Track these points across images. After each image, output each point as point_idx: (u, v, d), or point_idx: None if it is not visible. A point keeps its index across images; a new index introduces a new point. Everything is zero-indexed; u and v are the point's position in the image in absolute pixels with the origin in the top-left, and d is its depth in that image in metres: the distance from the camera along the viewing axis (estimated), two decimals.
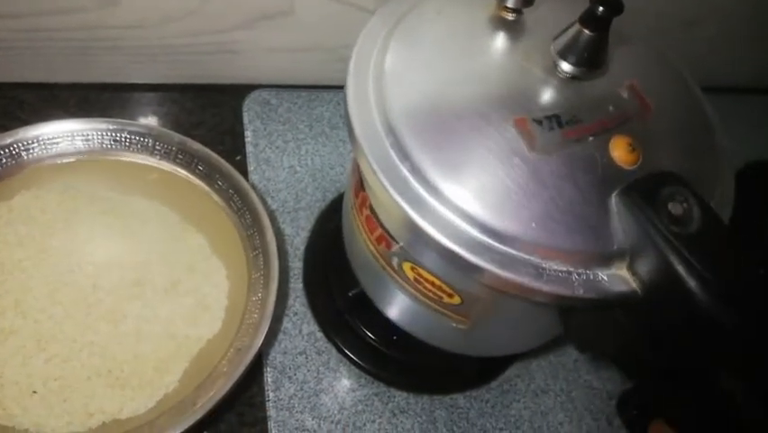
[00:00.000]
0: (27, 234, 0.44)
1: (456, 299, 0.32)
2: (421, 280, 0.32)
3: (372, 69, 0.31)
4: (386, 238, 0.32)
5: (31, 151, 0.46)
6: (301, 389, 0.43)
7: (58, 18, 0.48)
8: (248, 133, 0.54)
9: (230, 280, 0.45)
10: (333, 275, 0.46)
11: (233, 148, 0.53)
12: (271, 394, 0.43)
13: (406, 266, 0.32)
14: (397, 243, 0.32)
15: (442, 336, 0.38)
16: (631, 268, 0.27)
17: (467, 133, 0.28)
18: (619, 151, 0.28)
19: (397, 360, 0.45)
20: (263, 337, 0.41)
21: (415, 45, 0.31)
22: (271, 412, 0.42)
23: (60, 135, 0.47)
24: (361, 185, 0.33)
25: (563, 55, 0.29)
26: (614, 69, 0.31)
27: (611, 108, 0.30)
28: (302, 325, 0.46)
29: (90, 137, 0.47)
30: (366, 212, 0.34)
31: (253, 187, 0.49)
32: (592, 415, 0.47)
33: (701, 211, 0.26)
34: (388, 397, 0.44)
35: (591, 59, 0.29)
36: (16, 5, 0.46)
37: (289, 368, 0.44)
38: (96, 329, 0.41)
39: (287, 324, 0.46)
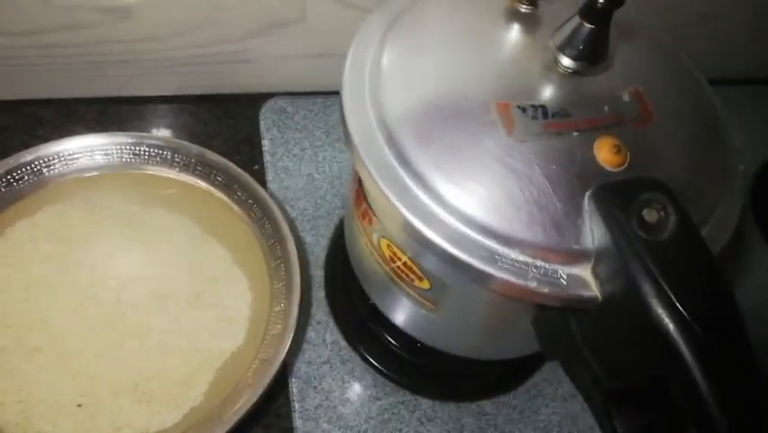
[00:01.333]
0: (51, 250, 0.44)
1: (425, 283, 0.32)
2: (395, 258, 0.32)
3: (369, 68, 0.31)
4: (369, 214, 0.33)
5: (52, 167, 0.46)
6: (327, 399, 0.43)
7: (72, 34, 0.48)
8: (265, 142, 0.54)
9: (252, 291, 0.45)
10: (353, 283, 0.46)
11: (251, 158, 0.53)
12: (297, 405, 0.43)
13: (384, 243, 0.32)
14: (377, 217, 0.32)
15: (418, 324, 0.38)
16: (595, 271, 0.26)
17: (448, 114, 0.28)
18: (603, 150, 0.27)
19: (421, 367, 0.45)
20: (287, 348, 0.41)
21: (413, 43, 0.31)
22: (298, 423, 0.42)
23: (81, 150, 0.47)
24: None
25: (563, 48, 0.28)
26: (619, 70, 0.30)
27: (606, 108, 0.29)
28: (325, 334, 0.46)
29: (110, 151, 0.48)
30: (356, 186, 0.34)
31: (272, 196, 0.49)
32: None
33: (678, 221, 0.25)
34: (414, 405, 0.44)
35: (591, 53, 0.28)
36: (32, 22, 0.47)
37: (314, 378, 0.44)
38: (120, 344, 0.41)
39: (310, 333, 0.46)
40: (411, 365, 0.45)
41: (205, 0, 0.48)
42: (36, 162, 0.46)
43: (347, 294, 0.47)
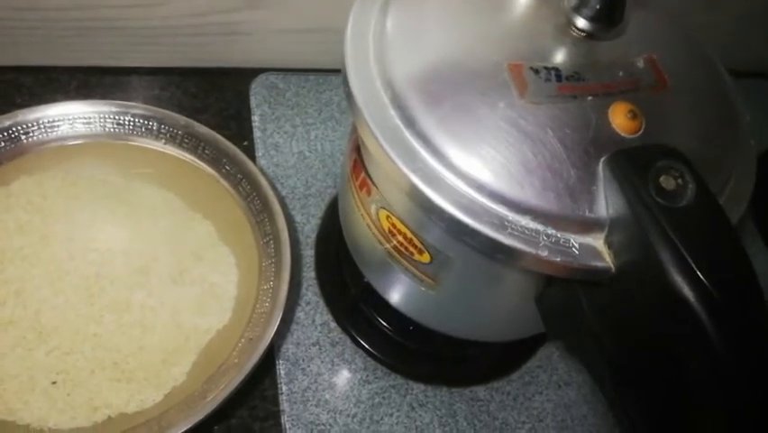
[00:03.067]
0: (27, 220, 0.42)
1: (426, 257, 0.30)
2: (395, 231, 0.31)
3: (373, 27, 0.29)
4: (367, 183, 0.31)
5: (30, 134, 0.44)
6: (315, 381, 0.41)
7: None
8: (255, 118, 0.52)
9: (239, 268, 0.43)
10: (345, 263, 0.44)
11: (240, 133, 0.51)
12: (284, 387, 0.41)
13: (383, 215, 0.31)
14: (376, 187, 0.30)
15: (415, 302, 0.37)
16: (608, 241, 0.25)
17: (458, 74, 0.27)
18: (619, 116, 0.26)
19: (413, 351, 0.43)
20: (276, 327, 0.39)
21: (420, 2, 0.30)
22: (285, 406, 0.40)
23: (61, 118, 0.45)
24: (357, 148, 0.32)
25: (578, 9, 0.27)
26: (632, 37, 0.29)
27: (621, 74, 0.28)
28: (315, 315, 0.44)
29: (92, 120, 0.45)
30: (353, 156, 0.33)
31: (262, 172, 0.47)
32: None
33: (696, 189, 0.24)
34: (406, 389, 0.42)
35: (607, 14, 0.27)
36: None
37: (303, 360, 0.42)
38: (99, 320, 0.39)
39: (299, 314, 0.44)
40: (403, 349, 0.43)
41: None
42: (14, 129, 0.44)
43: (338, 274, 0.45)
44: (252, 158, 0.50)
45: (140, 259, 0.42)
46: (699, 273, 0.22)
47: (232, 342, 0.40)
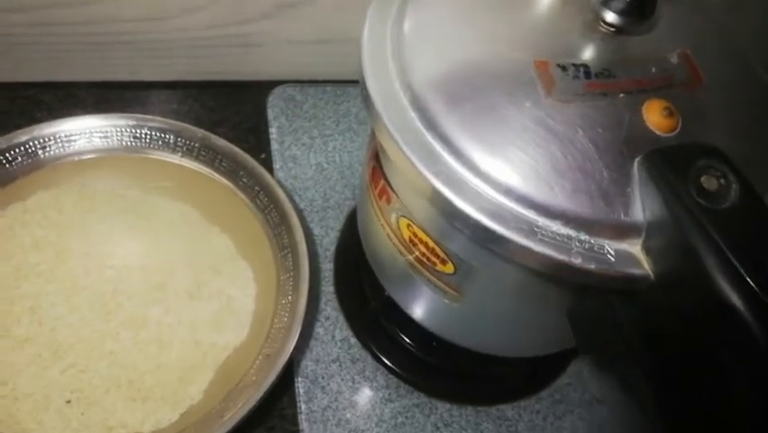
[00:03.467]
0: (43, 236, 0.41)
1: (449, 267, 0.29)
2: (416, 240, 0.29)
3: (390, 26, 0.28)
4: (387, 191, 0.30)
5: (48, 149, 0.44)
6: (335, 400, 0.40)
7: (70, 10, 0.46)
8: (272, 130, 0.51)
9: (257, 282, 0.42)
10: (365, 276, 0.43)
11: (257, 146, 0.51)
12: (303, 406, 0.39)
13: (403, 224, 0.30)
14: (396, 195, 0.29)
15: (438, 316, 0.35)
16: (646, 247, 0.23)
17: (481, 73, 0.26)
18: (654, 113, 0.25)
19: (437, 367, 0.42)
20: (294, 342, 0.38)
21: (435, 5, 0.29)
22: (304, 426, 0.39)
23: (78, 132, 0.44)
24: (375, 155, 0.31)
25: (607, 2, 0.26)
26: (663, 32, 0.28)
27: (653, 70, 0.26)
28: (335, 330, 0.43)
29: (109, 134, 0.45)
30: (372, 163, 0.31)
31: (280, 185, 0.46)
32: None
33: (740, 189, 0.22)
34: (430, 408, 0.41)
35: (638, 6, 0.26)
36: None
37: (322, 377, 0.41)
38: (115, 337, 0.39)
39: (318, 329, 0.43)
40: (427, 365, 0.42)
41: None
42: (31, 143, 0.43)
43: (358, 288, 0.44)
44: (270, 170, 0.49)
45: (157, 274, 0.41)
46: (747, 278, 0.20)
47: (249, 359, 0.39)
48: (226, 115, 0.52)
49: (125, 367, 0.37)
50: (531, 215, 0.23)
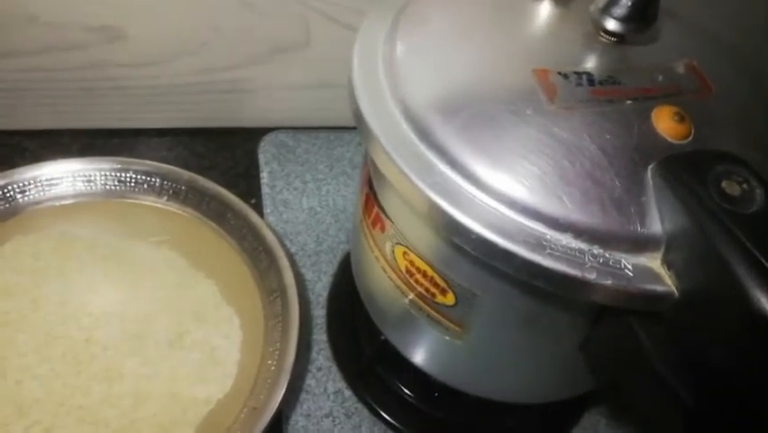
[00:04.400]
0: (17, 283, 0.39)
1: (450, 298, 0.26)
2: (413, 270, 0.27)
3: (382, 41, 0.27)
4: (381, 218, 0.28)
5: (27, 193, 0.42)
6: None
7: (58, 56, 0.45)
8: (263, 175, 0.50)
9: (243, 330, 0.39)
10: (360, 321, 0.40)
11: (248, 191, 0.49)
12: None
13: (399, 252, 0.27)
14: (390, 220, 0.27)
15: (439, 356, 0.32)
16: (666, 261, 0.21)
17: (478, 82, 0.24)
18: (664, 119, 0.23)
19: (440, 421, 0.38)
20: (282, 394, 0.35)
21: (433, 13, 0.28)
22: None
23: (60, 176, 0.43)
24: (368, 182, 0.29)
25: (607, 9, 0.25)
26: (667, 43, 0.27)
27: (660, 78, 0.25)
28: (327, 382, 0.40)
29: (92, 178, 0.43)
30: (365, 190, 0.29)
31: (269, 227, 0.44)
32: None
33: (765, 195, 0.20)
34: None
35: (640, 11, 0.24)
36: (17, 42, 0.44)
37: None
38: (86, 390, 0.35)
39: (309, 381, 0.39)
40: (428, 418, 0.38)
41: (202, 21, 0.46)
42: (9, 187, 0.42)
43: (353, 336, 0.41)
44: (261, 216, 0.47)
45: (135, 323, 0.39)
46: None
47: (234, 413, 0.35)
48: (216, 161, 0.51)
49: (96, 423, 0.34)
50: (538, 227, 0.21)
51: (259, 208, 0.48)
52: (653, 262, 0.21)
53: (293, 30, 0.48)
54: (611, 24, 0.24)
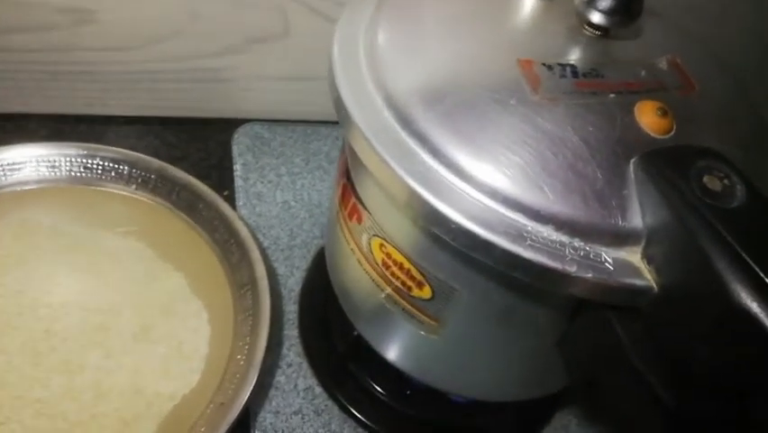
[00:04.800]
0: None
1: (426, 291, 0.26)
2: (389, 263, 0.27)
3: (364, 26, 0.26)
4: (358, 209, 0.27)
5: None
6: None
7: (25, 37, 0.43)
8: (237, 167, 0.49)
9: (212, 324, 0.38)
10: (333, 317, 0.39)
11: (221, 183, 0.48)
12: None
13: (376, 244, 0.27)
14: (367, 211, 0.27)
15: (414, 352, 0.31)
16: (646, 255, 0.21)
17: (461, 71, 0.24)
18: (647, 114, 0.23)
19: (413, 419, 0.38)
20: (250, 390, 0.34)
21: (412, 10, 0.27)
22: None
23: (23, 160, 0.41)
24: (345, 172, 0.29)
25: (592, 2, 0.24)
26: (650, 39, 0.27)
27: (643, 73, 0.25)
28: (298, 379, 0.39)
29: (57, 163, 0.42)
30: (342, 181, 0.29)
31: (242, 220, 0.43)
32: None
33: (747, 190, 0.20)
34: None
35: (624, 5, 0.24)
36: None
37: (282, 431, 0.36)
38: (45, 383, 0.34)
39: (279, 378, 0.38)
40: (400, 417, 0.37)
41: (178, 7, 0.44)
42: None
43: (325, 332, 0.40)
44: (233, 208, 0.46)
45: (98, 315, 0.37)
46: None
47: (199, 409, 0.34)
48: (188, 152, 0.49)
49: (53, 417, 0.33)
50: (519, 218, 0.21)
51: (231, 201, 0.46)
52: (634, 256, 0.21)
53: (271, 20, 0.47)
54: (596, 17, 0.24)
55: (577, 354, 0.25)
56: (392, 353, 0.32)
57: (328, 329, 0.40)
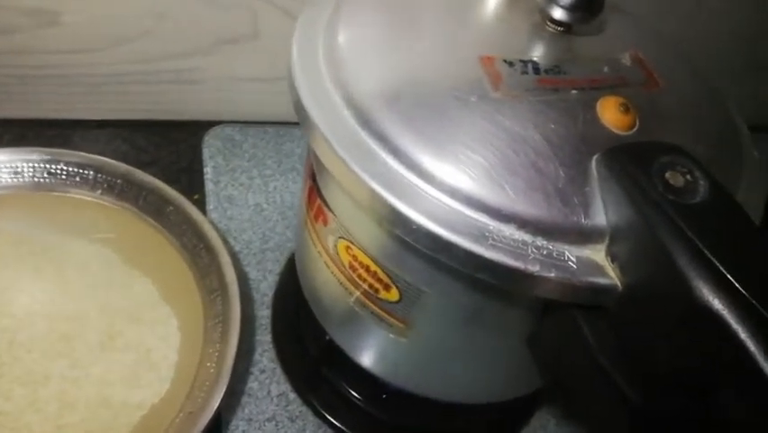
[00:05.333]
0: None
1: (393, 294, 0.26)
2: (356, 265, 0.26)
3: (324, 25, 0.26)
4: (323, 211, 0.27)
5: None
6: None
7: None
8: (207, 170, 0.48)
9: (182, 331, 0.37)
10: (306, 321, 0.38)
11: (191, 186, 0.47)
12: None
13: (342, 246, 0.26)
14: (333, 213, 0.26)
15: (384, 355, 0.31)
16: (611, 253, 0.21)
17: (422, 69, 0.24)
18: (609, 110, 0.22)
19: (388, 424, 0.37)
20: (220, 398, 0.33)
21: (373, 8, 0.27)
22: None
23: None
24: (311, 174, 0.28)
25: None
26: (614, 35, 0.27)
27: (605, 69, 0.25)
28: (271, 385, 0.38)
29: (20, 169, 0.41)
30: (308, 183, 0.29)
31: (212, 224, 0.42)
32: None
33: (709, 186, 0.20)
34: None
35: (586, 0, 0.24)
36: None
37: None
38: (7, 395, 0.33)
39: (252, 384, 0.38)
40: (377, 422, 0.37)
41: (145, 8, 0.44)
42: None
43: (298, 336, 0.39)
44: (203, 212, 0.45)
45: (64, 323, 0.36)
46: (729, 276, 0.18)
47: (169, 418, 0.33)
48: (158, 155, 0.49)
49: (17, 430, 0.32)
50: (481, 218, 0.21)
51: (202, 205, 0.46)
52: (597, 254, 0.21)
53: (241, 21, 0.46)
54: (557, 13, 0.24)
55: (546, 353, 0.24)
56: (363, 356, 0.32)
57: (301, 334, 0.39)
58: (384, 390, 0.37)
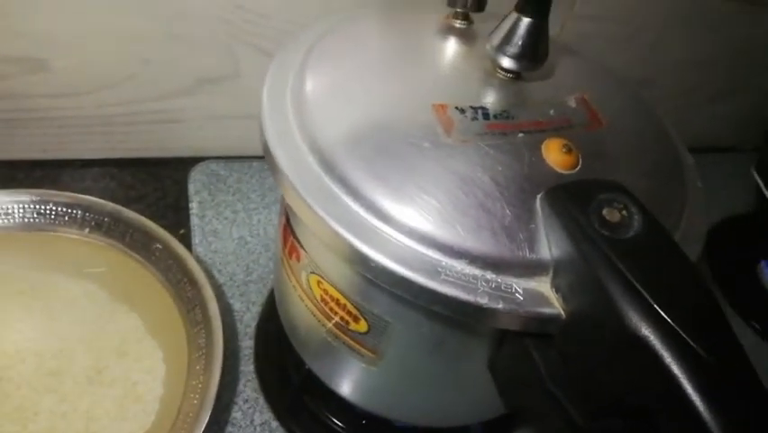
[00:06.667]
0: None
1: (362, 325, 0.27)
2: (327, 299, 0.28)
3: (292, 78, 0.28)
4: (296, 248, 0.29)
5: None
6: None
7: None
8: (193, 205, 0.49)
9: (167, 364, 0.39)
10: (287, 350, 0.40)
11: (177, 222, 0.48)
12: None
13: (313, 281, 0.28)
14: (304, 250, 0.28)
15: (358, 384, 0.32)
16: (555, 284, 0.22)
17: (379, 117, 0.25)
18: (553, 151, 0.24)
19: None
20: (203, 428, 0.34)
21: (341, 54, 0.29)
22: None
23: None
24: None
25: (501, 48, 0.26)
26: (562, 78, 0.29)
27: (552, 112, 0.26)
28: (254, 414, 0.39)
29: (10, 211, 0.42)
30: (282, 221, 0.30)
31: (197, 259, 0.43)
32: None
33: (644, 220, 0.22)
34: None
35: (531, 50, 0.26)
36: None
37: None
38: None
39: (235, 414, 0.39)
40: None
41: (131, 54, 0.46)
42: None
43: (280, 366, 0.41)
44: (189, 247, 0.46)
45: (52, 359, 0.38)
46: (655, 306, 0.19)
47: None
48: (145, 192, 0.50)
49: None
50: (434, 255, 0.22)
51: (188, 239, 0.47)
52: (543, 286, 0.22)
53: (222, 61, 0.48)
54: (506, 62, 0.26)
55: (503, 379, 0.26)
56: (340, 385, 0.33)
57: (283, 363, 0.40)
58: (363, 416, 0.38)
